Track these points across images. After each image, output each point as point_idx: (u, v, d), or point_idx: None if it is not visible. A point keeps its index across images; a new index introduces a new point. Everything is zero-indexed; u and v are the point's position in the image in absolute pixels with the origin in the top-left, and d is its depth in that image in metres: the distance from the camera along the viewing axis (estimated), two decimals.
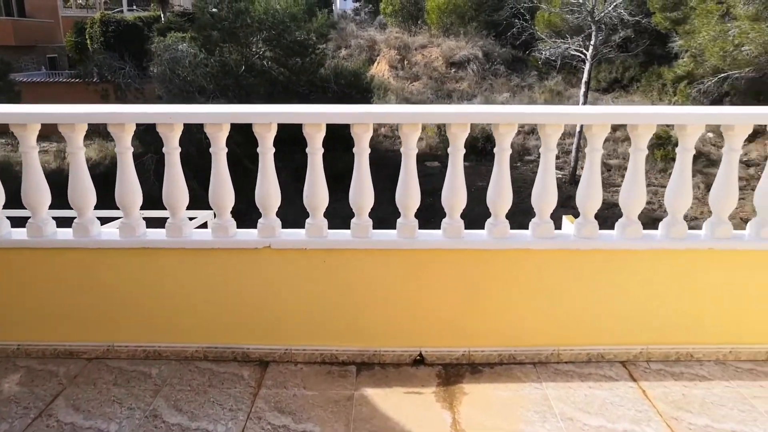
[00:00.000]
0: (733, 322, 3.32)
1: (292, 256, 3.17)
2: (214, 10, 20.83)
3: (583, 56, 25.23)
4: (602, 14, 24.28)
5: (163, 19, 30.10)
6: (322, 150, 3.10)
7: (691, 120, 3.08)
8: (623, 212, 3.26)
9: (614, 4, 24.32)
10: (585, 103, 25.55)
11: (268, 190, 3.12)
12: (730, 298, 3.28)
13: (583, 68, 25.17)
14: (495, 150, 3.14)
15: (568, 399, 3.00)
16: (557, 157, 3.37)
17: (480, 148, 20.76)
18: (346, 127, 3.06)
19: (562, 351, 3.32)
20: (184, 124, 3.03)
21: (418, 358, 3.30)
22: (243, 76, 19.50)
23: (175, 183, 3.10)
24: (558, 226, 3.34)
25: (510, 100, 28.23)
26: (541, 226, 3.20)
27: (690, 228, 3.24)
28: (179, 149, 3.09)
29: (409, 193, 3.14)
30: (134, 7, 39.70)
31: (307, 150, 3.09)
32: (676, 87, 34.05)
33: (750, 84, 24.10)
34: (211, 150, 3.06)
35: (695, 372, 3.24)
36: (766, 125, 3.13)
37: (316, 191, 3.13)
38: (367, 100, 21.94)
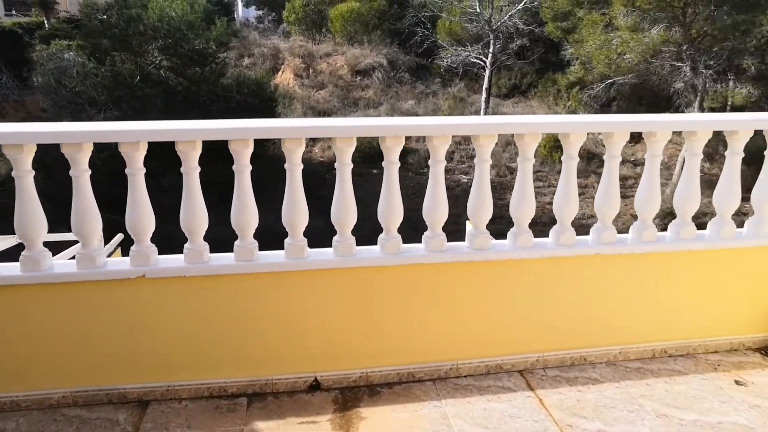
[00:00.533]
0: (621, 323, 3.40)
1: (170, 285, 2.91)
2: (103, 16, 19.66)
3: (483, 63, 26.11)
4: (499, 23, 25.24)
5: (46, 25, 28.12)
6: (198, 168, 2.88)
7: (573, 128, 3.13)
8: (514, 221, 3.26)
9: (510, 14, 25.33)
10: (487, 108, 26.43)
11: (193, 212, 2.87)
12: (618, 300, 3.37)
13: (484, 75, 26.02)
14: (384, 164, 3.05)
15: (467, 415, 2.94)
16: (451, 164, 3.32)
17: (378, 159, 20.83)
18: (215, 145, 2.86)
19: (461, 365, 3.27)
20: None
21: (314, 383, 3.14)
22: (138, 86, 18.52)
23: (29, 209, 2.75)
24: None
25: (415, 107, 28.67)
26: (434, 240, 3.14)
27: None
28: (33, 172, 2.75)
29: (294, 211, 2.98)
30: (13, 12, 36.84)
31: (182, 169, 2.85)
32: (570, 92, 35.98)
33: (633, 89, 25.87)
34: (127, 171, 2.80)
35: (588, 375, 3.29)
36: (644, 132, 3.23)
37: (194, 213, 2.89)
38: (271, 109, 21.52)
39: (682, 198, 3.35)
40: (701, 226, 3.44)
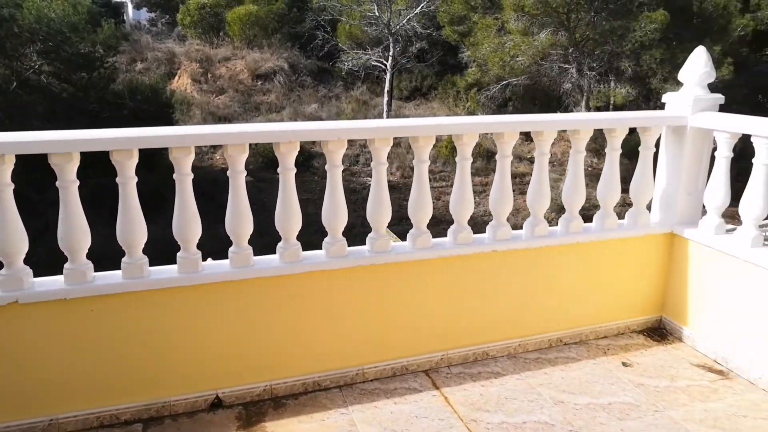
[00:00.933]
0: (520, 316, 3.53)
1: (49, 309, 2.68)
2: None
3: (384, 66, 26.42)
4: (398, 27, 25.65)
5: None
6: (77, 182, 2.67)
7: (465, 130, 3.20)
8: (413, 223, 3.29)
9: (408, 18, 25.81)
10: (389, 110, 26.78)
11: (71, 229, 2.65)
12: (516, 295, 3.49)
13: (385, 78, 26.34)
14: (279, 170, 2.98)
15: (375, 419, 2.93)
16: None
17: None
18: (104, 154, 2.67)
19: (367, 369, 3.26)
20: None
21: (216, 401, 3.00)
22: (15, 93, 17.10)
23: None
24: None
25: (319, 110, 28.54)
26: (335, 246, 3.10)
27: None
28: None
29: (185, 223, 2.84)
30: None
31: (57, 183, 2.64)
32: (468, 94, 37.28)
33: (527, 90, 27.18)
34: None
35: (491, 369, 3.39)
36: (532, 131, 3.36)
37: (72, 230, 2.68)
38: (168, 116, 20.61)
39: (569, 193, 3.53)
40: (590, 218, 3.64)
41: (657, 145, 3.63)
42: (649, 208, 3.71)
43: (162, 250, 3.62)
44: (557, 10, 21.10)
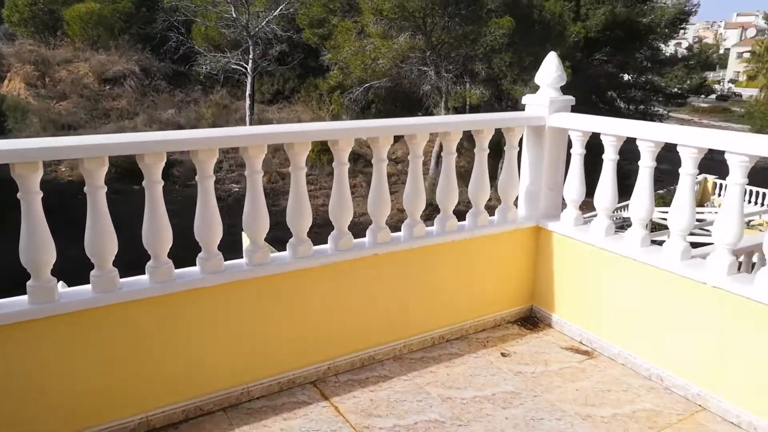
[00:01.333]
0: (403, 317, 3.56)
1: None
2: None
3: (244, 70, 25.73)
4: (257, 29, 25.10)
5: None
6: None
7: (341, 135, 3.17)
8: (293, 232, 3.19)
9: (267, 20, 25.36)
10: (252, 114, 26.14)
11: None
12: (398, 296, 3.52)
13: (246, 81, 25.67)
14: (144, 183, 2.74)
15: None
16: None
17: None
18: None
19: (252, 387, 3.11)
20: None
21: None
22: None
23: None
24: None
25: (176, 116, 27.16)
26: (210, 261, 2.92)
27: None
28: None
29: (33, 246, 2.51)
30: None
31: None
32: (331, 96, 37.49)
33: (389, 92, 27.88)
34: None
35: (379, 374, 3.38)
36: (405, 135, 3.40)
37: None
38: None
39: (443, 193, 3.63)
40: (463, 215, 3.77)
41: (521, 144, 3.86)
42: (517, 204, 3.93)
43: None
44: (414, 15, 21.88)
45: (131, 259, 3.48)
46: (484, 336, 3.80)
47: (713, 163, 2.97)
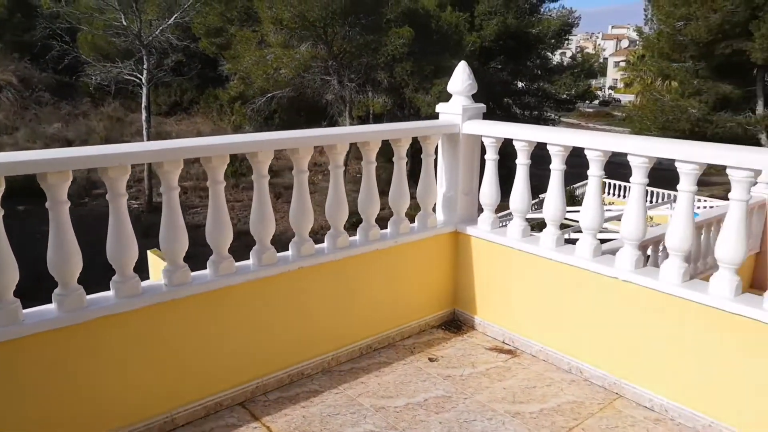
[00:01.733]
0: (330, 329, 3.52)
1: None
2: None
3: (138, 80, 24.52)
4: (150, 38, 24.03)
5: None
6: None
7: (260, 147, 3.08)
8: (213, 249, 3.06)
9: (161, 28, 24.35)
10: (149, 127, 24.96)
11: None
12: (325, 308, 3.46)
13: (141, 93, 24.49)
14: (48, 205, 2.52)
15: None
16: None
17: None
18: None
19: (177, 414, 2.94)
20: None
21: None
22: None
23: None
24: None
25: (63, 130, 25.47)
26: (126, 284, 2.74)
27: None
28: None
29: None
30: None
31: None
32: (233, 107, 36.60)
33: (292, 101, 27.65)
34: None
35: (309, 389, 3.31)
36: (325, 146, 3.36)
37: None
38: None
39: (364, 203, 3.62)
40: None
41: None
42: (435, 210, 4.00)
43: None
44: (314, 24, 21.86)
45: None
46: (410, 342, 3.83)
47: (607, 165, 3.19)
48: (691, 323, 2.92)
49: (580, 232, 3.43)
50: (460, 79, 3.91)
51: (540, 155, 3.64)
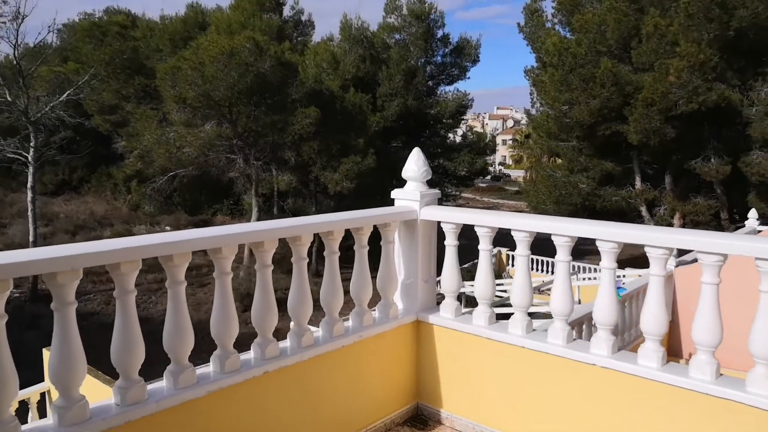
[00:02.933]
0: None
1: None
2: None
3: (24, 159, 22.82)
4: (39, 115, 22.66)
5: None
6: None
7: (222, 242, 2.83)
8: (170, 357, 2.71)
9: (51, 105, 23.07)
10: (34, 208, 23.07)
11: None
12: (291, 414, 3.15)
13: (27, 172, 22.75)
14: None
15: None
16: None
17: None
18: None
19: None
20: None
21: None
22: None
23: None
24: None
25: None
26: (71, 411, 2.32)
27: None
28: None
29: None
30: None
31: None
32: (129, 186, 35.02)
33: (194, 180, 26.86)
34: None
35: None
36: (288, 237, 3.16)
37: None
38: None
39: (328, 295, 3.42)
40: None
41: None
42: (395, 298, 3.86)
43: None
44: (219, 104, 21.68)
45: None
46: None
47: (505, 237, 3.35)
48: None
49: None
50: (416, 165, 3.91)
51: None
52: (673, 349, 7.84)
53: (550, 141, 25.95)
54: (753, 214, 10.60)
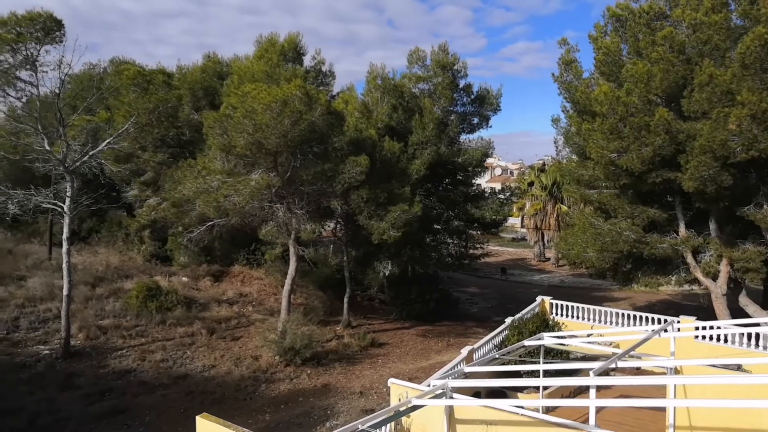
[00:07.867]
0: None
1: None
2: None
3: (59, 209, 21.87)
4: (77, 164, 21.89)
5: None
6: None
7: None
8: None
9: (90, 153, 22.29)
10: (69, 260, 21.94)
11: None
12: None
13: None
14: None
15: None
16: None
17: None
18: None
19: None
20: None
21: None
22: None
23: None
24: None
25: None
26: None
27: None
28: None
29: None
30: None
31: None
32: (140, 235, 33.94)
33: (230, 229, 26.06)
34: None
35: None
36: None
37: None
38: None
39: None
40: None
41: None
42: None
43: None
44: (268, 152, 21.32)
45: None
46: None
47: None
48: None
49: None
50: None
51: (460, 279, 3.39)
52: None
53: (581, 189, 26.20)
54: None
